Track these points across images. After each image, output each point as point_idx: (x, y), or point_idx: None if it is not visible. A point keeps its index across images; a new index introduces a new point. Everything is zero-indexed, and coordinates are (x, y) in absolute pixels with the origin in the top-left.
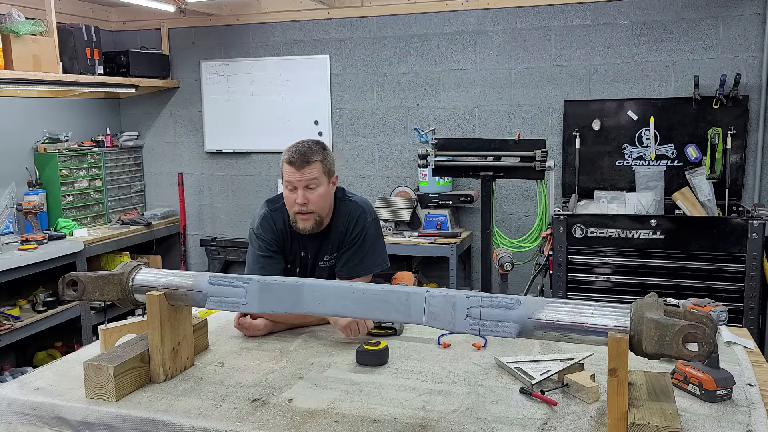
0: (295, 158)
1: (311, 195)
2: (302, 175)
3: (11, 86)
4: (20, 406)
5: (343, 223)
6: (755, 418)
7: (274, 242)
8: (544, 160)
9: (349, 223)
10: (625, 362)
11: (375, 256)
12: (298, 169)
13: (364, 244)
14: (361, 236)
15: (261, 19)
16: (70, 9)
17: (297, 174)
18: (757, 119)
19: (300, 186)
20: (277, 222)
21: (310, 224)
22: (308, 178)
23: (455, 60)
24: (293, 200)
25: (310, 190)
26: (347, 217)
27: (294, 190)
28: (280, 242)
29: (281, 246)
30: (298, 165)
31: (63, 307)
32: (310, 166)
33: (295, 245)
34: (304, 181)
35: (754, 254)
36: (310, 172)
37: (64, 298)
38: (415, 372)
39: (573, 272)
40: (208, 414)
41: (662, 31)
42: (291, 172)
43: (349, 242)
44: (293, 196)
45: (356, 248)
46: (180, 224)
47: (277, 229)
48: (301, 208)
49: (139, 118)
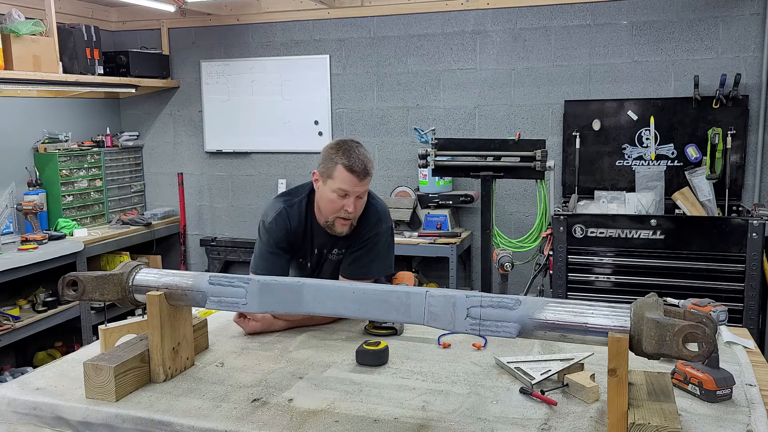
0: (359, 169)
1: (359, 204)
2: (361, 186)
3: (11, 86)
4: (20, 406)
5: (364, 222)
6: (755, 418)
7: (284, 240)
8: (544, 160)
9: (366, 224)
10: (625, 362)
11: (381, 263)
12: (360, 180)
13: (374, 248)
14: (373, 241)
15: (261, 19)
16: (70, 9)
17: (358, 185)
18: (757, 119)
19: (353, 195)
20: (293, 219)
21: (347, 229)
22: (363, 190)
23: (455, 60)
24: (341, 206)
25: (359, 200)
26: (368, 216)
27: (346, 197)
28: (292, 239)
29: (293, 243)
30: (361, 176)
31: (63, 307)
32: (368, 179)
33: (309, 241)
34: (359, 192)
35: (754, 254)
36: (366, 185)
37: (64, 298)
38: (415, 372)
39: (573, 272)
40: (208, 414)
41: (662, 31)
42: (351, 181)
43: (360, 244)
44: (342, 203)
45: (366, 251)
46: (180, 224)
47: (291, 227)
48: (346, 215)
49: (139, 118)
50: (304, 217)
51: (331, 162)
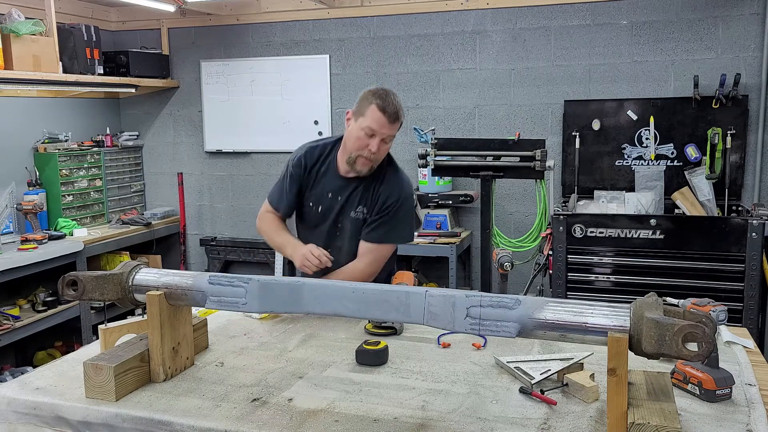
0: (391, 111)
1: (384, 148)
2: (389, 129)
3: (11, 86)
4: (20, 406)
5: (387, 188)
6: (755, 418)
7: (297, 174)
8: (543, 160)
9: (392, 189)
10: (625, 362)
11: (403, 230)
12: (390, 122)
13: (398, 214)
14: (396, 206)
15: (261, 19)
16: (70, 9)
17: (386, 127)
18: (756, 119)
19: (379, 137)
20: (311, 156)
21: (368, 168)
22: (390, 134)
23: (455, 60)
24: (365, 145)
25: (384, 143)
26: (391, 183)
27: (372, 137)
28: (305, 176)
29: (306, 179)
30: (391, 118)
31: (63, 306)
32: (397, 123)
33: (323, 182)
34: (386, 135)
35: (753, 254)
36: (394, 129)
37: (64, 298)
38: (414, 372)
39: (573, 272)
40: (208, 414)
41: (662, 31)
42: (381, 122)
43: (385, 209)
44: (367, 142)
45: (388, 218)
46: (180, 224)
47: (307, 163)
48: (370, 154)
49: (139, 118)
50: (324, 157)
51: (366, 102)
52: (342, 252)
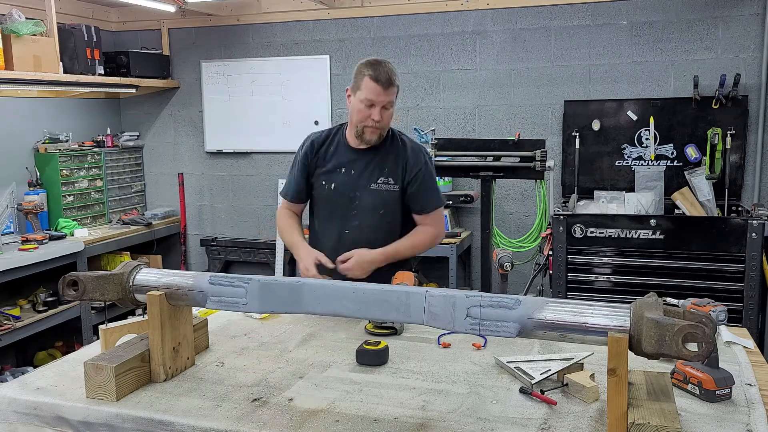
0: (383, 78)
1: (386, 114)
2: (385, 96)
3: (12, 86)
4: (21, 406)
5: (412, 156)
6: (755, 418)
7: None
8: (543, 160)
9: (416, 156)
10: (625, 362)
11: (437, 194)
12: (385, 89)
13: (427, 180)
14: (423, 172)
15: (261, 20)
16: (70, 9)
17: (382, 94)
18: (756, 119)
19: (379, 105)
20: (318, 138)
21: (376, 137)
22: (388, 100)
23: (455, 60)
24: (367, 115)
25: (385, 110)
26: (413, 150)
27: (372, 107)
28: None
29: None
30: (385, 85)
31: (63, 306)
32: (393, 88)
33: (334, 159)
34: (384, 102)
35: (753, 254)
36: (390, 94)
37: (65, 298)
38: (415, 372)
39: (573, 272)
40: (208, 414)
41: (662, 31)
42: (376, 90)
43: (420, 176)
44: (369, 112)
45: (420, 185)
46: (180, 224)
47: (315, 145)
48: (375, 124)
49: (140, 119)
50: (332, 137)
51: (360, 75)
52: (362, 229)
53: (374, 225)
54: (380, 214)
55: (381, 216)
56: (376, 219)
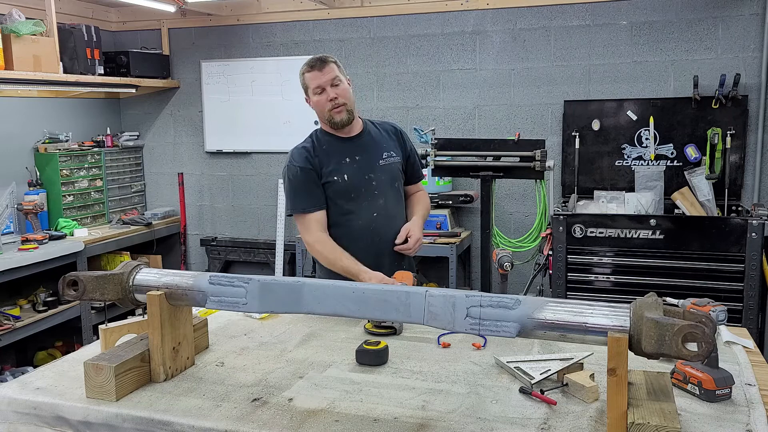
0: (314, 62)
1: (338, 90)
2: (325, 75)
3: (11, 86)
4: (20, 406)
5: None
6: (754, 418)
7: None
8: (543, 160)
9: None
10: (625, 362)
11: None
12: (320, 70)
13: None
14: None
15: (261, 20)
16: (70, 9)
17: (321, 75)
18: (756, 119)
19: (326, 85)
20: (307, 147)
21: (344, 115)
22: (331, 77)
23: (455, 60)
24: (325, 99)
25: (335, 87)
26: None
27: (323, 92)
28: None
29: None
30: (318, 67)
31: (63, 306)
32: (328, 66)
33: (334, 155)
34: (329, 80)
35: (753, 254)
36: (330, 72)
37: (65, 298)
38: (415, 372)
39: (572, 272)
40: (208, 414)
41: (662, 31)
42: (315, 76)
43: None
44: (324, 97)
45: (414, 152)
46: (180, 224)
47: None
48: (333, 103)
49: (140, 118)
50: (315, 142)
51: (301, 78)
52: (388, 207)
53: (395, 198)
54: (396, 187)
55: (396, 189)
56: (395, 192)
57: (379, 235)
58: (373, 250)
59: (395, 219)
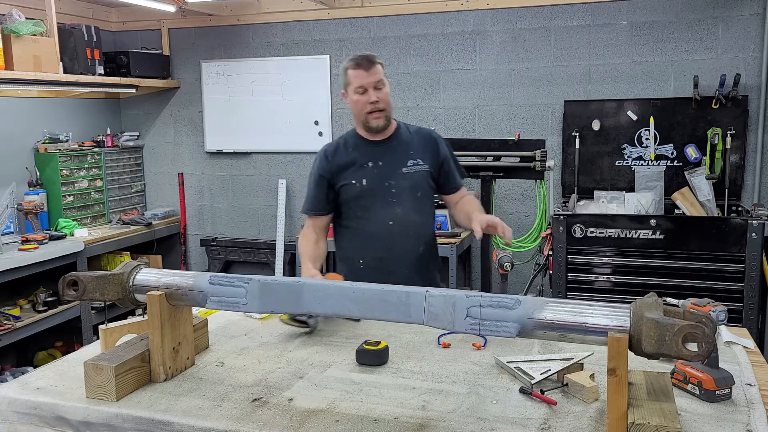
0: (361, 61)
1: (380, 94)
2: (371, 76)
3: (12, 86)
4: (21, 406)
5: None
6: (755, 418)
7: (327, 171)
8: (543, 160)
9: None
10: (625, 362)
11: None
12: (367, 70)
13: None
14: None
15: (261, 20)
16: (70, 9)
17: (366, 76)
18: (756, 119)
19: (370, 87)
20: (331, 149)
21: (382, 121)
22: (376, 79)
23: (455, 60)
24: (365, 101)
25: (378, 90)
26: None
27: (365, 92)
28: (335, 166)
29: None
30: (366, 67)
31: (63, 306)
32: (375, 67)
33: (355, 158)
34: (373, 82)
35: (753, 254)
36: (376, 74)
37: (65, 298)
38: (415, 372)
39: (573, 272)
40: (208, 414)
41: (662, 31)
42: (360, 75)
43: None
44: (365, 98)
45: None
46: (180, 224)
47: (329, 156)
48: (374, 106)
49: (140, 118)
50: (343, 142)
51: (344, 72)
52: (406, 216)
53: (415, 208)
54: (418, 196)
55: (419, 198)
56: (415, 201)
57: (392, 243)
58: (387, 258)
59: (411, 229)
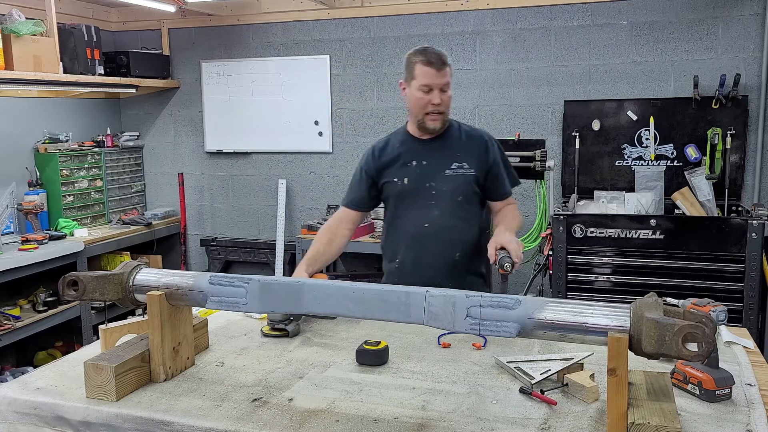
0: (435, 60)
1: (444, 97)
2: (440, 77)
3: (12, 86)
4: (21, 406)
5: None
6: (755, 418)
7: (372, 168)
8: (543, 160)
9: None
10: (625, 362)
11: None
12: (438, 70)
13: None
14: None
15: (261, 20)
16: (70, 9)
17: (436, 76)
18: (756, 119)
19: (436, 88)
20: (379, 145)
21: (440, 123)
22: (444, 82)
23: (455, 60)
24: (427, 101)
25: (443, 93)
26: (476, 132)
27: (430, 91)
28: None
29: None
30: (438, 66)
31: (63, 306)
32: (446, 69)
33: (402, 155)
34: (440, 84)
35: (753, 254)
36: (445, 76)
37: (65, 298)
38: (415, 372)
39: (573, 272)
40: (208, 414)
41: (662, 31)
42: (430, 74)
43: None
44: (428, 97)
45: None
46: (180, 224)
47: (376, 153)
48: (436, 108)
49: (140, 118)
50: (393, 139)
51: (411, 64)
52: (442, 218)
53: (453, 212)
54: (458, 200)
55: (459, 203)
56: (454, 206)
57: (425, 246)
58: (420, 260)
59: (446, 233)
